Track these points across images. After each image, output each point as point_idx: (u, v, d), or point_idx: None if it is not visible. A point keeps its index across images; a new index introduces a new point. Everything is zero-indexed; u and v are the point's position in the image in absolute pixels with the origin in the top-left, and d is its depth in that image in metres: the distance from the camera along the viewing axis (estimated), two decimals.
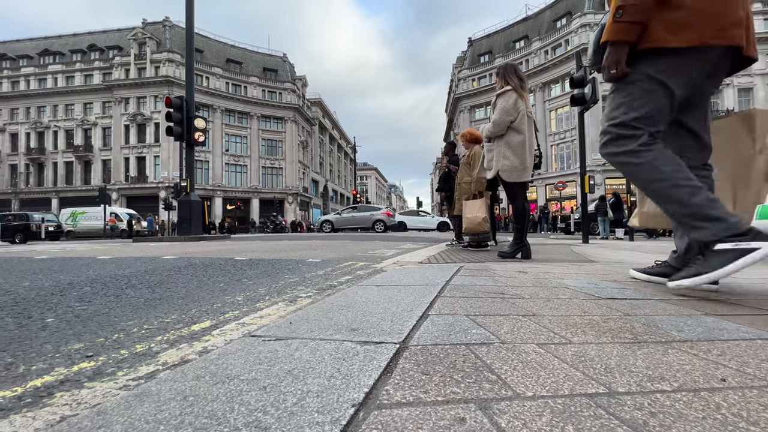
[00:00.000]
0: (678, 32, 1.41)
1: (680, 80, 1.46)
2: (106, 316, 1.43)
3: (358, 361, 0.70)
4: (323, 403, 0.53)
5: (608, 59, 1.53)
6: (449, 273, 1.99)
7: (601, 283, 1.72)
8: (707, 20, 1.39)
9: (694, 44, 1.41)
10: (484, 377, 0.63)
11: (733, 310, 1.20)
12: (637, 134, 1.49)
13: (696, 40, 1.40)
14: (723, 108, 28.67)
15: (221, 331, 1.16)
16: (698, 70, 1.45)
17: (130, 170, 34.36)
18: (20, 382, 0.82)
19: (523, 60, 35.07)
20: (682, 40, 1.41)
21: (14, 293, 1.94)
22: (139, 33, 34.52)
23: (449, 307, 1.17)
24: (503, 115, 3.09)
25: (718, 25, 1.39)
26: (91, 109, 35.82)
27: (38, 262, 3.68)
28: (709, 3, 1.40)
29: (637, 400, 0.55)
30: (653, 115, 1.49)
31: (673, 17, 1.41)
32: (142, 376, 0.82)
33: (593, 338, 0.87)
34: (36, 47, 38.78)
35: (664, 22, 1.42)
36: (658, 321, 1.04)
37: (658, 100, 1.48)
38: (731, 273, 1.31)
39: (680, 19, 1.40)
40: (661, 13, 1.42)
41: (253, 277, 2.42)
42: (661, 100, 1.48)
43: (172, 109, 9.48)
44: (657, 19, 1.43)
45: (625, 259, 3.33)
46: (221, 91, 36.63)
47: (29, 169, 36.16)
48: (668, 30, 1.42)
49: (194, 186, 9.91)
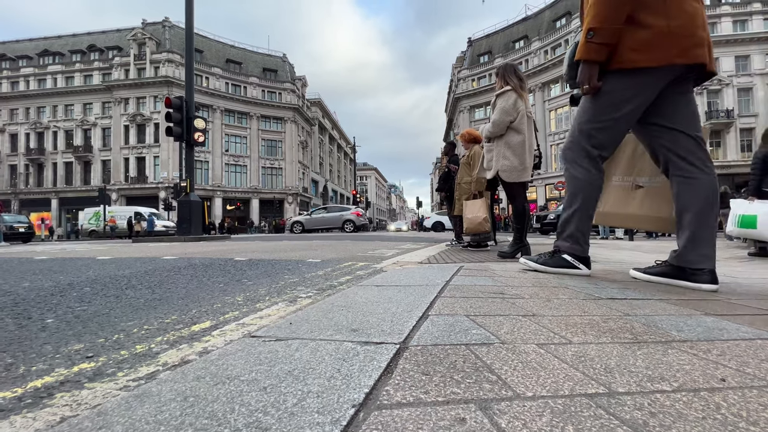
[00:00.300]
0: (646, 52, 1.57)
1: (646, 95, 1.66)
2: (106, 317, 1.43)
3: (359, 361, 0.70)
4: (323, 403, 0.53)
5: (581, 76, 1.71)
6: (449, 273, 1.99)
7: (601, 283, 1.72)
8: (673, 41, 1.55)
9: (663, 63, 1.58)
10: (485, 377, 0.63)
11: (733, 310, 1.20)
12: (592, 154, 1.80)
13: (663, 60, 1.57)
14: (723, 108, 28.71)
15: (221, 332, 1.16)
16: (665, 85, 1.64)
17: (129, 170, 34.35)
18: (20, 383, 0.82)
19: (522, 60, 35.09)
20: (651, 60, 1.58)
21: (14, 294, 1.94)
22: (139, 33, 34.52)
23: (449, 308, 1.17)
24: (503, 115, 3.09)
25: (684, 45, 1.56)
26: (91, 110, 35.81)
27: (38, 263, 3.68)
28: (674, 25, 1.55)
29: (637, 400, 0.55)
30: (605, 142, 1.79)
31: (641, 38, 1.57)
32: (142, 376, 0.82)
33: (593, 338, 0.87)
34: (35, 48, 38.77)
35: (632, 43, 1.58)
36: (657, 321, 1.04)
37: (621, 117, 1.72)
38: (559, 273, 1.94)
39: (648, 40, 1.56)
40: (630, 33, 1.58)
41: (253, 278, 2.41)
42: (624, 116, 1.72)
43: (172, 110, 9.47)
44: (626, 40, 1.59)
45: (625, 258, 3.33)
46: (221, 91, 36.63)
47: (29, 169, 36.15)
48: (637, 50, 1.58)
49: (194, 186, 9.91)
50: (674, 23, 1.55)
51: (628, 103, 1.68)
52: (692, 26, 1.57)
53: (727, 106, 28.69)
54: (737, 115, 28.51)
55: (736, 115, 28.45)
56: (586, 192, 1.83)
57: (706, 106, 29.14)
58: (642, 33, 1.57)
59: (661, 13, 1.56)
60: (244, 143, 38.37)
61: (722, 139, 28.99)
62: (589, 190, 1.83)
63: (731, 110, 28.47)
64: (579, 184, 1.84)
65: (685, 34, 1.56)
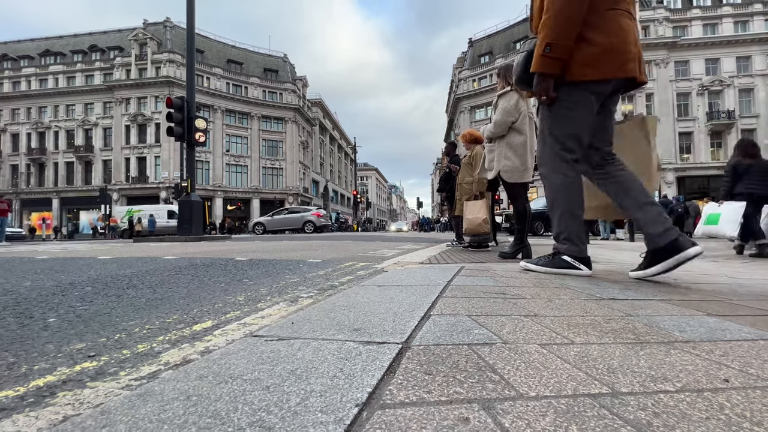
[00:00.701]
0: (594, 67, 1.78)
1: (594, 105, 1.88)
2: (108, 316, 1.43)
3: (361, 361, 0.70)
4: (327, 402, 0.53)
5: (537, 87, 1.89)
6: (450, 273, 1.98)
7: (603, 284, 1.72)
8: (614, 57, 1.76)
9: (608, 77, 1.79)
10: (487, 377, 0.63)
11: (735, 311, 1.20)
12: (566, 158, 1.95)
13: (608, 74, 1.79)
14: (724, 109, 28.67)
15: (223, 331, 1.16)
16: (605, 94, 1.88)
17: (130, 170, 34.38)
18: (23, 382, 0.82)
19: None
20: (598, 74, 1.79)
21: (16, 293, 1.94)
22: (140, 33, 34.56)
23: (451, 308, 1.17)
24: (505, 115, 3.09)
25: (621, 61, 1.77)
26: (92, 110, 35.86)
27: (39, 262, 3.69)
28: (614, 42, 1.76)
29: (640, 400, 0.55)
30: (573, 146, 1.93)
31: (589, 53, 1.77)
32: (144, 375, 0.82)
33: (595, 338, 0.87)
34: (37, 48, 38.85)
35: (582, 58, 1.78)
36: (659, 321, 1.04)
37: (579, 124, 1.90)
38: (558, 273, 1.98)
39: (595, 56, 1.77)
40: (580, 50, 1.78)
41: (254, 277, 2.42)
42: (580, 123, 1.90)
43: (173, 110, 9.48)
44: (576, 56, 1.78)
45: (626, 259, 3.33)
46: (222, 91, 36.66)
47: (30, 169, 36.20)
48: (586, 65, 1.78)
49: (195, 186, 9.91)
50: (614, 40, 1.77)
51: (583, 111, 1.88)
52: (627, 43, 1.78)
53: (729, 107, 28.64)
54: (738, 116, 28.47)
55: (737, 116, 28.41)
56: (566, 195, 1.96)
57: (707, 107, 29.12)
58: (590, 49, 1.77)
59: (604, 31, 1.76)
60: (244, 143, 38.39)
61: (723, 140, 28.95)
62: (569, 192, 1.95)
63: (732, 111, 28.42)
64: (558, 189, 1.97)
65: (622, 50, 1.77)
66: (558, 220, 1.99)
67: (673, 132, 29.07)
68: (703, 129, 28.98)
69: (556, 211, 1.99)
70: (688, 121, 29.22)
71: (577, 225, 1.97)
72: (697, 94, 29.32)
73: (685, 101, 29.71)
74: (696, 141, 29.02)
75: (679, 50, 29.52)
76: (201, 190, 30.29)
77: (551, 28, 1.75)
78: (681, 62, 29.76)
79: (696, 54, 29.53)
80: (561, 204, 1.96)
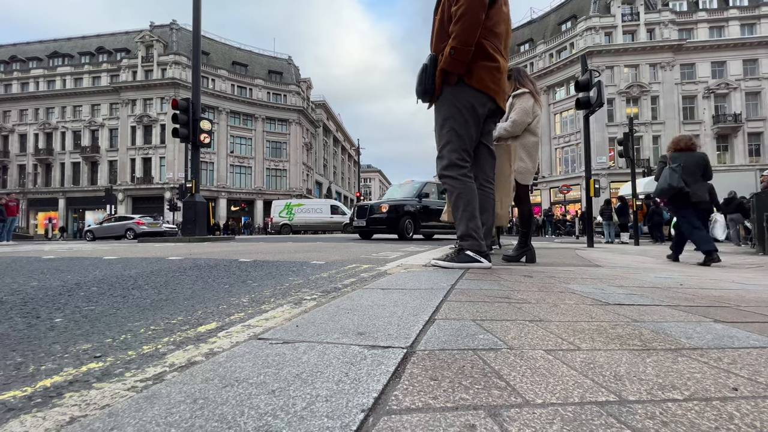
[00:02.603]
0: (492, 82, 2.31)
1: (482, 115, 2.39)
2: (113, 317, 1.44)
3: (366, 365, 0.70)
4: (333, 407, 0.53)
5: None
6: (454, 276, 1.98)
7: (608, 289, 1.71)
8: (494, 77, 2.31)
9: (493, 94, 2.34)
10: (493, 383, 0.63)
11: (743, 318, 1.19)
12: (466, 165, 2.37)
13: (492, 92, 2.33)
14: (730, 112, 28.45)
15: (227, 333, 1.16)
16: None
17: (136, 171, 34.66)
18: (30, 382, 0.82)
19: (527, 63, 35.03)
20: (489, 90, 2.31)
21: (23, 293, 1.96)
22: (147, 36, 34.91)
23: (456, 312, 1.17)
24: (523, 115, 3.07)
25: (504, 85, 2.43)
26: (99, 111, 36.23)
27: (46, 262, 3.72)
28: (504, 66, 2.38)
29: (648, 408, 0.55)
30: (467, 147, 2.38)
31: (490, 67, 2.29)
32: (149, 377, 0.82)
33: (601, 345, 0.86)
34: (45, 49, 39.33)
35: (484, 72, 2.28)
36: (666, 328, 1.03)
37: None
38: (466, 268, 2.24)
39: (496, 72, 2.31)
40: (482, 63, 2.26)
41: (257, 279, 2.42)
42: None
43: (179, 111, 9.56)
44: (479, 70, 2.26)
45: (631, 263, 3.31)
46: (227, 93, 36.89)
47: (37, 169, 36.59)
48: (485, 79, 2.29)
49: (199, 187, 9.97)
50: (504, 65, 2.37)
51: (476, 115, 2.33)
52: (503, 71, 2.38)
53: (735, 110, 28.44)
54: (745, 119, 28.26)
55: (743, 119, 28.19)
56: (466, 197, 2.28)
57: (713, 110, 28.93)
58: (489, 63, 2.28)
59: (502, 53, 2.36)
60: (248, 145, 38.58)
61: (729, 144, 28.74)
62: (468, 194, 2.29)
63: (739, 114, 28.21)
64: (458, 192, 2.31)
65: (499, 78, 2.34)
66: (460, 219, 2.29)
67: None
68: (709, 132, 28.78)
69: (458, 210, 2.29)
70: (693, 124, 29.03)
71: (476, 224, 2.30)
72: (703, 97, 29.13)
73: (691, 104, 29.53)
74: (702, 144, 28.77)
75: (685, 53, 29.37)
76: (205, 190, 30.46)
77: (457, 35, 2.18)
78: (687, 65, 29.60)
79: (702, 57, 29.36)
80: (462, 205, 2.28)
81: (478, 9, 2.13)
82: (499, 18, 2.30)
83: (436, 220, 9.91)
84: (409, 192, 10.32)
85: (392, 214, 9.15)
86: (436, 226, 10.17)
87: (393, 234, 9.30)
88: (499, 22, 2.31)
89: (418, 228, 9.54)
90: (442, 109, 2.37)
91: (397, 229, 9.12)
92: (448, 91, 2.31)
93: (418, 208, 9.60)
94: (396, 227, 9.13)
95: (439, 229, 10.24)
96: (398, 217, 9.16)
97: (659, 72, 29.35)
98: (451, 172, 2.31)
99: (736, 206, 9.36)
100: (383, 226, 9.22)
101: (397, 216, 9.17)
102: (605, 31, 30.32)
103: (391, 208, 9.22)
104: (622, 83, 29.45)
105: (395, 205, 9.36)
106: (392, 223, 9.12)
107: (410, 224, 9.44)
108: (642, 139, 28.47)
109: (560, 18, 34.77)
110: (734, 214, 9.40)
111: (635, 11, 30.33)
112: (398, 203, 9.51)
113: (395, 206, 9.32)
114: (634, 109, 29.07)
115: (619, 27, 30.06)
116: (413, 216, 9.47)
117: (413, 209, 9.50)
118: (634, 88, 29.33)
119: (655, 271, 2.68)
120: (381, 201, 10.01)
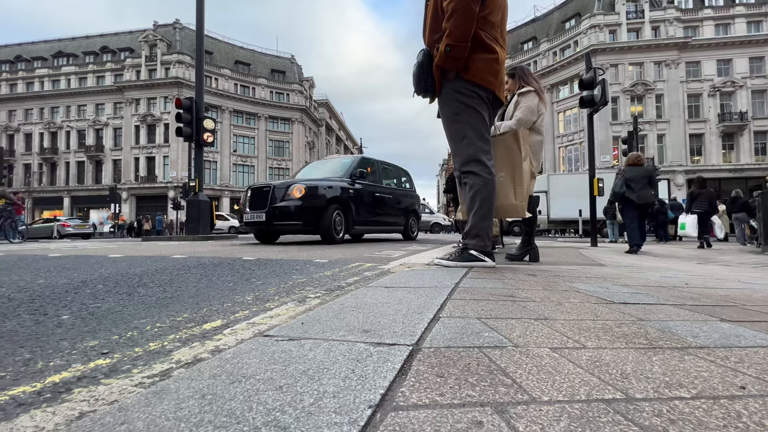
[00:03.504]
0: (492, 75, 2.23)
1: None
2: (120, 314, 1.45)
3: (372, 362, 0.71)
4: (340, 403, 0.54)
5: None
6: (458, 275, 1.98)
7: (612, 287, 1.70)
8: (493, 69, 2.23)
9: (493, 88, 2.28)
10: (499, 381, 0.63)
11: (749, 317, 1.18)
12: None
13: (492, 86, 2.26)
14: (736, 110, 28.19)
15: (232, 330, 1.17)
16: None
17: (139, 170, 34.85)
18: (39, 378, 0.83)
19: (531, 61, 34.87)
20: (490, 84, 2.24)
21: (30, 290, 1.98)
22: (150, 35, 35.05)
23: (460, 310, 1.17)
24: (530, 113, 3.06)
25: (499, 79, 2.28)
26: (103, 110, 36.46)
27: (52, 260, 3.75)
28: (503, 58, 2.27)
29: (655, 406, 0.55)
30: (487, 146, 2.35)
31: (489, 59, 2.20)
32: (156, 373, 0.83)
33: (607, 343, 0.86)
34: (50, 49, 39.58)
35: (483, 65, 2.20)
36: (672, 326, 1.02)
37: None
38: (469, 267, 2.21)
39: (494, 64, 2.22)
40: (479, 55, 2.17)
41: (261, 277, 2.43)
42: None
43: (182, 110, 9.59)
44: (478, 63, 2.17)
45: (635, 262, 3.29)
46: (230, 92, 37.00)
47: (42, 168, 36.89)
48: (486, 72, 2.22)
49: (203, 186, 10.01)
50: (503, 55, 2.25)
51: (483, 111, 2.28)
52: (502, 65, 2.27)
53: (741, 109, 28.17)
54: (751, 117, 27.98)
55: (749, 118, 27.92)
56: (484, 194, 2.22)
57: (719, 108, 28.68)
58: (488, 54, 2.19)
59: (499, 42, 2.24)
60: (252, 143, 38.70)
61: (735, 142, 28.47)
62: (487, 192, 2.23)
63: (745, 113, 27.94)
64: (477, 189, 2.25)
65: (497, 70, 2.24)
66: (473, 216, 2.25)
67: (683, 134, 28.66)
68: (715, 131, 28.52)
69: (475, 208, 2.24)
70: (699, 123, 28.79)
71: (489, 223, 2.26)
72: (709, 95, 28.87)
73: (696, 102, 29.27)
74: (707, 143, 28.58)
75: (690, 51, 29.11)
76: (209, 189, 30.61)
77: (450, 33, 2.11)
78: (692, 63, 29.34)
79: (707, 54, 29.09)
80: (477, 202, 2.22)
81: (470, 1, 2.04)
82: (493, 6, 2.18)
83: (381, 214, 7.00)
84: (336, 170, 6.79)
85: (311, 201, 5.75)
86: (382, 222, 7.09)
87: (312, 234, 6.03)
88: (494, 10, 2.19)
89: (351, 224, 6.34)
90: (447, 106, 2.28)
91: (320, 226, 5.81)
92: (449, 86, 2.23)
93: (352, 194, 6.35)
94: (317, 223, 5.78)
95: (384, 226, 7.27)
96: (320, 208, 5.82)
97: (664, 70, 29.12)
98: (473, 168, 2.22)
99: (741, 205, 9.30)
100: (296, 222, 5.71)
101: (319, 205, 5.82)
102: (609, 29, 30.10)
103: (310, 191, 5.77)
104: (627, 81, 29.25)
105: (315, 187, 5.88)
106: (311, 216, 5.72)
107: (340, 218, 6.12)
108: (646, 138, 28.27)
109: (564, 16, 34.56)
110: (739, 214, 9.34)
111: (640, 9, 30.08)
112: (321, 184, 6.04)
113: (315, 189, 5.86)
114: (638, 108, 28.85)
115: (623, 25, 29.83)
116: (344, 206, 6.20)
117: (345, 196, 6.21)
118: (638, 86, 29.12)
119: (660, 270, 2.67)
120: (293, 180, 6.25)
